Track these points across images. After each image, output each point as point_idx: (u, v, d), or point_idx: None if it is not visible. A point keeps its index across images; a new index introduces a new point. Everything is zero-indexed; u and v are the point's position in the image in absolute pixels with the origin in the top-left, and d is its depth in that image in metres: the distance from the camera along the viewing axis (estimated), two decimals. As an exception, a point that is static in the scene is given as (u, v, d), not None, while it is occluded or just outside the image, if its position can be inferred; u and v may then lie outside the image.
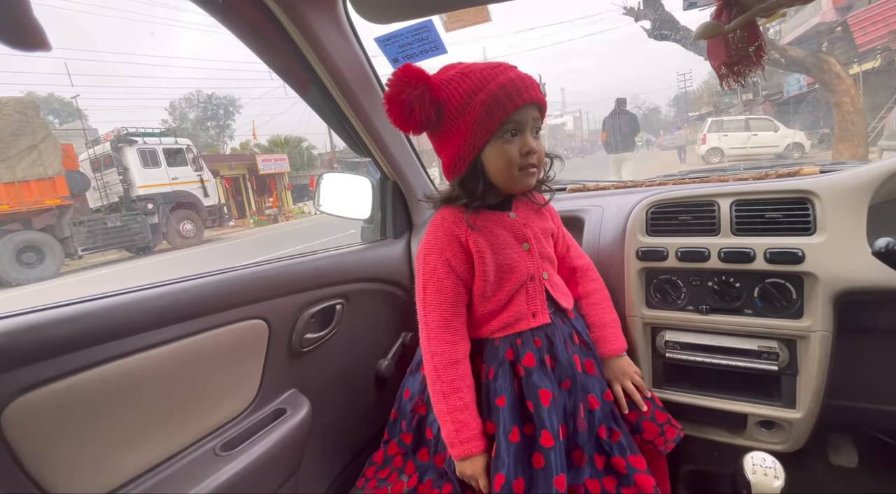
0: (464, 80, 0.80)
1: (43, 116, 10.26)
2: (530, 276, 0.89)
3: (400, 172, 1.39)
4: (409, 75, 0.78)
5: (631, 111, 7.75)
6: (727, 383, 1.04)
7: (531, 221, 0.93)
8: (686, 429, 1.11)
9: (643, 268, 1.08)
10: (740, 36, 0.67)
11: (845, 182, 0.94)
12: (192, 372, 0.85)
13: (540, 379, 0.85)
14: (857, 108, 8.22)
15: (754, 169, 1.33)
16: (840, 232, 0.91)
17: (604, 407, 0.91)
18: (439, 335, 0.87)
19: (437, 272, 0.88)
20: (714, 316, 1.02)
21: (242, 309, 0.94)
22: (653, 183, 1.38)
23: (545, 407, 0.82)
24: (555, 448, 0.80)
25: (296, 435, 0.97)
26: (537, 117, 0.83)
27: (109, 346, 0.72)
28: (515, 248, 0.89)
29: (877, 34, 10.87)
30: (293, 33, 1.02)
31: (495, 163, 0.82)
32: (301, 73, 1.13)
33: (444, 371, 0.85)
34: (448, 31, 1.01)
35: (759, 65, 0.67)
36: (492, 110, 0.77)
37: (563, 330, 0.92)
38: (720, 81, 0.71)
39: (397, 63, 1.10)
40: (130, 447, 0.75)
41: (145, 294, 0.78)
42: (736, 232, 1.00)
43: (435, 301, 0.88)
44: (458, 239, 0.87)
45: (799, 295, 0.95)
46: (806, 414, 0.96)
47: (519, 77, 0.79)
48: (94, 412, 0.71)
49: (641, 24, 8.08)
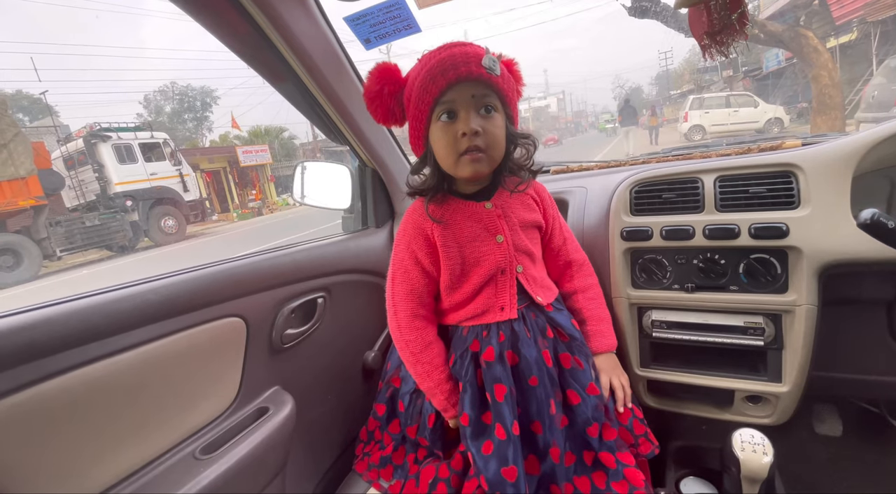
0: (417, 65, 0.81)
1: (11, 114, 9.85)
2: (500, 269, 0.88)
3: (379, 159, 1.35)
4: (376, 72, 0.82)
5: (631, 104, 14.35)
6: (714, 360, 1.04)
7: (511, 212, 0.90)
8: (674, 407, 1.12)
9: (628, 249, 1.06)
10: (722, 3, 0.64)
11: (829, 154, 0.93)
12: (165, 376, 0.81)
13: (497, 373, 0.84)
14: (834, 82, 8.30)
15: (737, 144, 1.31)
16: (824, 204, 0.90)
17: (588, 401, 0.87)
18: (409, 323, 0.91)
19: (404, 263, 0.91)
20: (700, 293, 1.01)
21: (217, 307, 0.90)
22: (636, 161, 1.36)
23: (499, 401, 0.82)
24: (507, 441, 0.80)
25: (280, 434, 0.94)
26: (484, 94, 0.78)
27: (71, 354, 0.68)
28: (486, 241, 0.87)
29: (853, 7, 10.92)
30: (259, 18, 0.97)
31: (436, 146, 0.81)
32: (270, 59, 1.08)
33: (421, 354, 0.90)
34: (421, 7, 0.96)
35: (742, 33, 0.65)
36: (422, 93, 0.77)
37: (536, 324, 0.89)
38: (703, 52, 0.69)
39: (370, 44, 1.05)
40: (102, 456, 0.72)
41: (108, 297, 0.74)
42: (720, 208, 0.99)
43: (402, 291, 0.92)
44: (424, 232, 0.89)
45: (784, 270, 0.94)
46: (792, 388, 0.96)
47: (452, 54, 0.76)
48: (58, 422, 0.67)
49: (622, 2, 8.01)
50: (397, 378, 1.04)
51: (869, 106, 6.90)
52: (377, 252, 1.36)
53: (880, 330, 1.00)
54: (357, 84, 1.21)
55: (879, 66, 8.87)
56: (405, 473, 0.98)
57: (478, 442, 0.83)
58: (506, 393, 0.83)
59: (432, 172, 0.87)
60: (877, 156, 0.90)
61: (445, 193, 0.89)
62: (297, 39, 1.02)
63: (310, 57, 1.06)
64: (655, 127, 16.56)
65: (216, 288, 0.91)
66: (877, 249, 0.82)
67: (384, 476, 1.01)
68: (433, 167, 0.86)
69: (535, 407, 0.84)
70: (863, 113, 7.03)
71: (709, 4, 0.65)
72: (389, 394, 1.05)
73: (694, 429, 1.15)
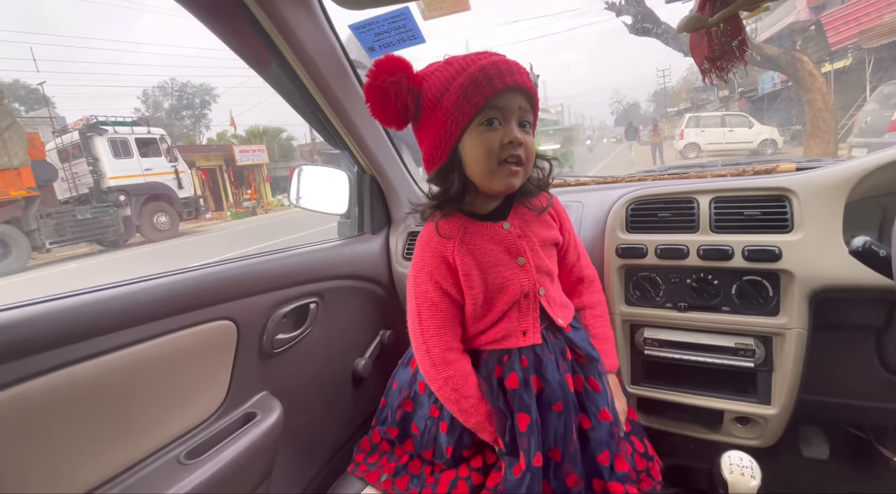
0: (445, 67, 0.75)
1: (7, 103, 9.76)
2: (524, 294, 0.82)
3: (377, 166, 1.35)
4: (387, 63, 0.74)
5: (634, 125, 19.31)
6: (704, 380, 1.05)
7: (530, 231, 0.85)
8: (663, 425, 1.12)
9: (623, 265, 1.07)
10: (723, 30, 0.65)
11: (823, 180, 0.94)
12: (152, 378, 0.80)
13: (523, 401, 0.79)
14: (828, 106, 8.45)
15: (732, 165, 1.33)
16: (817, 229, 0.91)
17: (599, 426, 0.81)
18: (444, 358, 0.82)
19: (429, 295, 0.83)
20: (692, 313, 1.01)
21: (208, 310, 0.89)
22: (632, 178, 1.37)
23: (522, 431, 0.78)
24: (526, 472, 0.76)
25: (266, 440, 0.93)
26: (526, 108, 0.75)
27: (57, 353, 0.67)
28: (508, 265, 0.82)
29: (849, 33, 11.16)
30: (263, 21, 0.97)
31: (472, 153, 0.75)
32: (272, 61, 1.08)
33: (464, 389, 0.82)
34: (426, 19, 0.97)
35: (742, 60, 0.66)
36: (469, 94, 0.71)
37: (555, 346, 0.84)
38: (703, 76, 0.70)
39: (373, 52, 1.06)
40: (85, 457, 0.71)
41: (97, 296, 0.73)
42: (715, 229, 1.00)
43: (433, 326, 0.83)
44: (446, 260, 0.82)
45: (775, 293, 0.95)
46: (781, 411, 0.97)
47: (503, 61, 0.73)
48: (41, 423, 0.66)
49: (623, 20, 8.14)
50: (409, 401, 0.98)
51: (862, 131, 7.01)
52: (372, 258, 1.36)
53: (869, 355, 1.01)
54: (359, 90, 1.21)
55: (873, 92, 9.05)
56: (422, 483, 0.93)
57: (511, 461, 0.80)
58: (529, 422, 0.78)
59: (457, 182, 0.78)
60: (870, 184, 0.91)
61: (455, 212, 0.83)
62: (301, 44, 1.02)
63: (313, 62, 1.06)
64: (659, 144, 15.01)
65: (208, 291, 0.90)
66: (867, 276, 0.83)
67: (399, 486, 0.96)
68: (459, 177, 0.78)
69: (557, 433, 0.80)
70: (855, 137, 7.14)
71: (710, 30, 0.66)
72: (401, 417, 0.99)
73: (682, 448, 1.15)
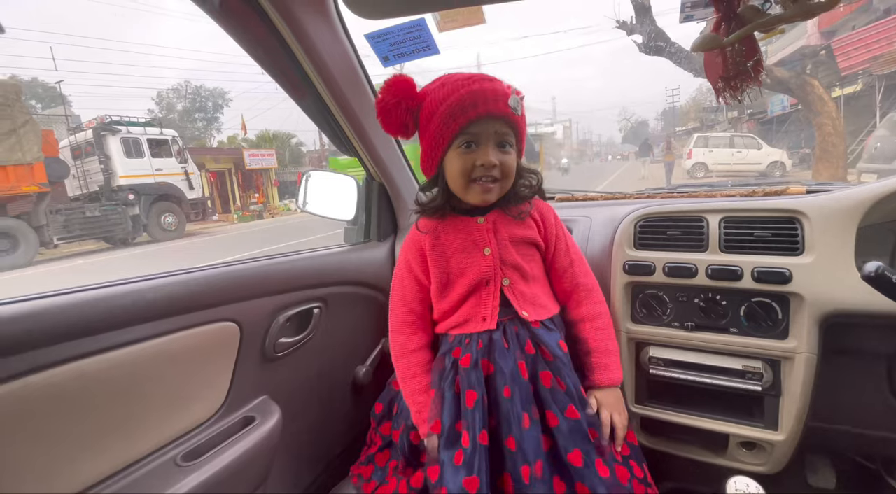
0: (439, 88, 0.85)
1: (24, 101, 9.92)
2: (485, 281, 0.91)
3: (387, 174, 1.36)
4: (393, 85, 0.86)
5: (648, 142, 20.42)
6: (710, 402, 1.03)
7: (503, 227, 0.93)
8: (667, 446, 1.10)
9: (630, 282, 1.06)
10: (738, 50, 0.65)
11: (835, 204, 0.93)
12: (155, 377, 0.80)
13: (471, 380, 0.86)
14: (837, 130, 8.44)
15: (742, 186, 1.33)
16: (828, 253, 0.90)
17: (567, 424, 0.83)
18: (398, 327, 0.98)
19: (400, 272, 1.00)
20: (699, 333, 1.00)
21: (213, 310, 0.89)
22: (641, 195, 1.37)
23: (469, 407, 0.84)
24: (472, 450, 0.80)
25: (264, 445, 0.92)
26: (504, 131, 0.85)
27: (63, 347, 0.67)
28: (472, 253, 0.92)
29: (859, 59, 11.19)
30: (281, 28, 0.98)
31: (450, 170, 0.87)
32: (288, 68, 1.09)
33: (403, 359, 0.97)
34: (441, 31, 0.98)
35: (757, 80, 0.66)
36: (448, 121, 0.83)
37: (517, 337, 0.89)
38: (716, 95, 0.70)
39: (388, 61, 1.07)
40: (83, 455, 0.70)
41: (107, 291, 0.73)
42: (724, 249, 0.99)
43: (396, 297, 1.00)
44: (419, 244, 0.96)
45: (785, 316, 0.94)
46: (788, 437, 0.95)
47: (483, 89, 0.82)
48: (43, 417, 0.66)
49: (633, 39, 8.20)
50: None
51: (872, 157, 6.99)
52: (377, 265, 1.36)
53: (880, 384, 0.99)
54: (372, 99, 1.22)
55: (883, 118, 9.04)
56: (383, 477, 1.00)
57: (450, 452, 0.83)
58: (476, 399, 0.84)
59: (440, 192, 0.92)
60: (883, 209, 0.91)
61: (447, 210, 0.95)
62: (317, 52, 1.04)
63: (328, 70, 1.07)
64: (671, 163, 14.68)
65: (215, 291, 0.90)
66: (880, 302, 0.82)
67: (363, 474, 1.04)
68: (442, 188, 0.91)
69: (508, 419, 0.83)
70: (865, 163, 7.12)
71: (725, 50, 0.66)
72: (390, 396, 1.07)
73: (686, 471, 1.13)
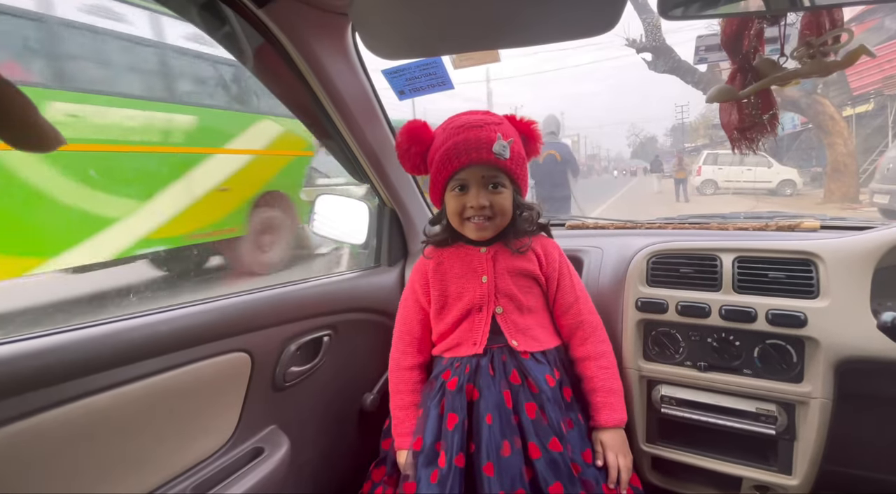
0: (441, 134, 0.94)
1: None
2: (478, 306, 0.96)
3: (399, 200, 1.37)
4: (406, 130, 0.96)
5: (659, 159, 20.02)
6: (723, 443, 1.01)
7: (503, 258, 0.98)
8: (678, 487, 1.08)
9: (642, 320, 1.05)
10: (754, 102, 0.66)
11: (851, 247, 0.92)
12: (167, 410, 0.80)
13: (454, 403, 0.89)
14: (849, 150, 8.39)
15: (754, 218, 1.32)
16: (844, 298, 0.89)
17: (548, 455, 0.83)
18: (395, 344, 1.06)
19: (405, 293, 1.08)
20: (712, 373, 0.99)
21: (225, 341, 0.90)
22: (652, 225, 1.37)
23: (449, 430, 0.87)
24: (447, 471, 0.83)
25: (273, 477, 0.92)
26: (492, 174, 0.91)
27: (79, 383, 0.67)
28: (470, 279, 0.97)
29: (871, 79, 11.15)
30: (304, 69, 1.01)
31: (448, 210, 0.96)
32: (307, 103, 1.12)
33: (394, 374, 1.04)
34: (457, 68, 1.01)
35: (773, 132, 0.66)
36: (441, 167, 0.92)
37: (504, 366, 0.91)
38: (732, 145, 0.70)
39: (403, 95, 1.09)
40: (95, 490, 0.71)
41: (120, 325, 0.74)
42: (738, 289, 0.98)
43: (399, 316, 1.08)
44: (423, 268, 1.03)
45: (800, 359, 0.92)
46: (802, 482, 0.93)
47: (467, 140, 0.88)
48: (58, 453, 0.66)
49: (643, 56, 8.25)
50: None
51: (884, 177, 6.92)
52: (387, 291, 1.36)
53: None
54: (386, 129, 1.24)
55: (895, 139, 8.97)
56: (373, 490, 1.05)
57: (427, 470, 0.86)
58: (457, 422, 0.87)
59: (445, 226, 1.01)
60: None
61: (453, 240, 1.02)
62: (336, 89, 1.06)
63: (346, 105, 1.10)
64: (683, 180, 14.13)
65: (226, 322, 0.91)
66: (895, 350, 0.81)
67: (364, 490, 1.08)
68: (446, 223, 1.00)
69: (488, 446, 0.84)
70: (878, 184, 7.05)
71: (741, 102, 0.67)
72: None
73: None
